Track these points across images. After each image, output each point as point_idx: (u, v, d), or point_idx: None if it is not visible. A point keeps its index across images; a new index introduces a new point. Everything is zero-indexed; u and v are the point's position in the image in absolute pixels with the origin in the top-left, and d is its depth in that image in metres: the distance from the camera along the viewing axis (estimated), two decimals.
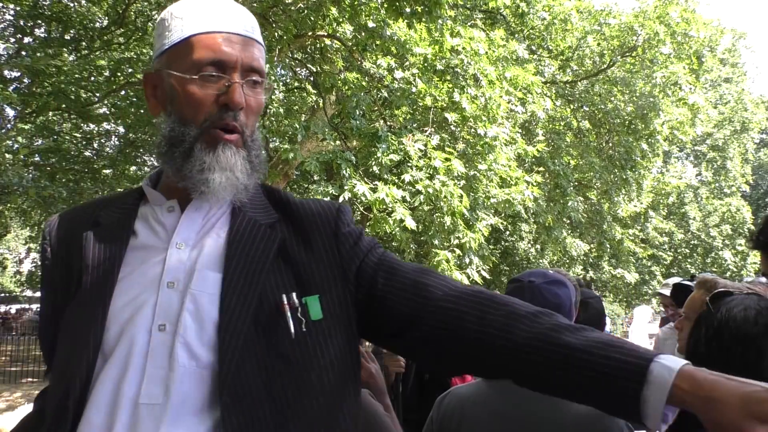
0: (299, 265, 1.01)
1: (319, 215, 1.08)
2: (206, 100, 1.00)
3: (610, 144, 13.21)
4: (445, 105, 7.82)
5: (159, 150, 1.04)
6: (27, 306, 31.11)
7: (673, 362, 0.81)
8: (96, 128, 12.23)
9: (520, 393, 1.51)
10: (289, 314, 0.95)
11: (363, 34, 7.77)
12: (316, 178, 7.29)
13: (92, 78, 10.52)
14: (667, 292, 4.23)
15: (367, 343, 2.25)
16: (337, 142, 7.83)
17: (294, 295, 0.97)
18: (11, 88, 9.27)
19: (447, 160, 7.04)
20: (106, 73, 10.76)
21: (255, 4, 7.00)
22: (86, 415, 0.90)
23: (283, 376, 0.92)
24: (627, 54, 12.55)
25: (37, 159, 10.56)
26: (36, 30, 10.22)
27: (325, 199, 2.02)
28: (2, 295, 33.08)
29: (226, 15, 1.03)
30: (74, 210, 1.14)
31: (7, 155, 7.95)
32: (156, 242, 1.02)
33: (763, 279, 1.80)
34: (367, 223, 7.23)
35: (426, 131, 7.88)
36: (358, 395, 1.06)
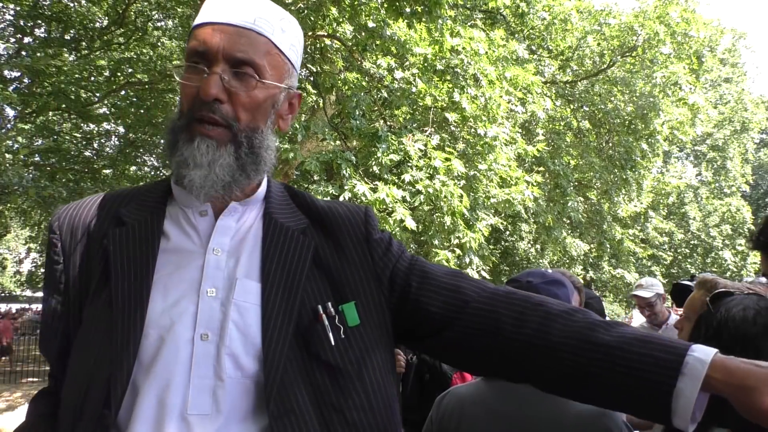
0: (333, 271, 1.02)
1: (348, 220, 1.08)
2: (189, 91, 0.98)
3: (610, 144, 13.21)
4: (445, 105, 7.81)
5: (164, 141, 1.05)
6: (27, 306, 31.11)
7: (705, 353, 0.83)
8: (96, 128, 12.22)
9: (520, 392, 1.51)
10: (327, 323, 0.96)
11: (363, 34, 7.77)
12: (316, 178, 7.27)
13: (92, 78, 10.52)
14: (642, 293, 4.13)
15: None
16: (337, 142, 7.82)
17: (330, 304, 0.98)
18: (11, 88, 9.25)
19: (447, 160, 7.04)
20: (106, 73, 10.76)
21: None
22: (131, 428, 0.87)
23: (326, 383, 0.93)
24: (627, 54, 12.54)
25: (37, 159, 10.54)
26: (36, 30, 10.21)
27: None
28: (2, 295, 33.07)
29: (228, 5, 1.00)
30: (86, 204, 1.08)
31: (7, 155, 7.94)
32: (191, 246, 1.00)
33: (763, 279, 1.80)
34: None
35: (426, 131, 7.87)
36: (398, 397, 1.06)
